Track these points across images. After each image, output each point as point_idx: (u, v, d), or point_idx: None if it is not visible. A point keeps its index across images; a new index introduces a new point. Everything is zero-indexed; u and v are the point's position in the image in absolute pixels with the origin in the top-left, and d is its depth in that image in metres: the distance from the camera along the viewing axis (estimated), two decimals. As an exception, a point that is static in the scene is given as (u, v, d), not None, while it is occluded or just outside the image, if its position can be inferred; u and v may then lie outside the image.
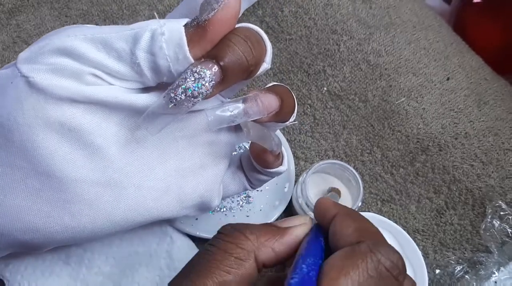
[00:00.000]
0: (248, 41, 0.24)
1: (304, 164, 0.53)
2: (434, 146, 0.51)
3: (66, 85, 0.24)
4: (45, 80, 0.23)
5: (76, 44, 0.23)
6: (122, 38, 0.23)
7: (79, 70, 0.24)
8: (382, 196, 0.51)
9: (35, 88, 0.24)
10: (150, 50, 0.23)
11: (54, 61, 0.24)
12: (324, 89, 0.54)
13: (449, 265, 0.47)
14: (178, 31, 0.23)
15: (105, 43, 0.24)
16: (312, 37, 0.55)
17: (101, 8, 0.58)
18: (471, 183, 0.50)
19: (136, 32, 0.23)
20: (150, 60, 0.23)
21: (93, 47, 0.24)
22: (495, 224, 0.47)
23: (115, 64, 0.24)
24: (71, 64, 0.23)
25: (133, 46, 0.23)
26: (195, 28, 0.23)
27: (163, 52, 0.23)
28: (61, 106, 0.24)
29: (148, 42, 0.23)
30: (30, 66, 0.24)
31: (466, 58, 0.57)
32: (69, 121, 0.24)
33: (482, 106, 0.53)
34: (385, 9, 0.57)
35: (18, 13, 0.57)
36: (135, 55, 0.23)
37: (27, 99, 0.24)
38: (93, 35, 0.24)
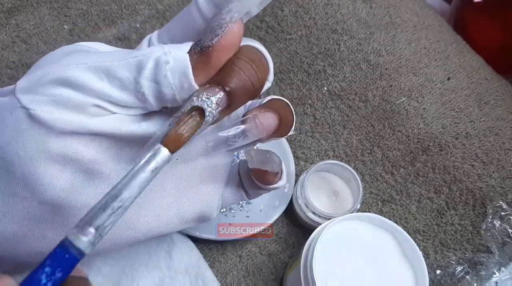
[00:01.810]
0: (253, 64, 0.24)
1: (304, 164, 0.52)
2: (435, 145, 0.51)
3: (69, 119, 0.23)
4: (47, 113, 0.23)
5: (78, 74, 0.23)
6: (125, 67, 0.23)
7: (81, 102, 0.23)
8: (383, 196, 0.51)
9: (36, 121, 0.23)
10: (155, 79, 0.23)
11: (55, 93, 0.23)
12: (324, 89, 0.54)
13: (449, 265, 0.47)
14: (183, 60, 0.22)
15: (107, 72, 0.23)
16: (312, 37, 0.55)
17: (100, 7, 0.58)
18: (471, 183, 0.50)
19: (139, 60, 0.23)
20: (154, 89, 0.23)
21: (95, 76, 0.23)
22: (496, 224, 0.47)
23: (119, 93, 0.23)
24: (73, 95, 0.23)
25: (137, 75, 0.23)
26: (199, 55, 0.23)
27: (168, 81, 0.22)
28: (64, 139, 0.24)
29: (153, 70, 0.23)
30: (31, 97, 0.23)
31: (467, 58, 0.56)
32: (71, 153, 0.24)
33: (482, 106, 0.53)
34: (385, 8, 0.57)
35: (17, 13, 0.57)
36: (139, 84, 0.23)
37: (28, 132, 0.23)
38: (95, 63, 0.23)
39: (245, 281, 0.47)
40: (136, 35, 0.57)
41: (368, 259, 0.39)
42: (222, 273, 0.47)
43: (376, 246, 0.39)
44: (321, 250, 0.37)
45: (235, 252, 0.48)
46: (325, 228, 0.38)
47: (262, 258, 0.49)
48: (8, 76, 0.54)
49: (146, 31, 0.57)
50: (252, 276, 0.48)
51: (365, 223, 0.40)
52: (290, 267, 0.44)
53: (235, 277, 0.47)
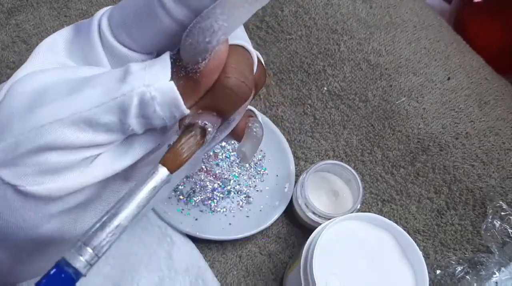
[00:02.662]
0: (242, 77, 0.22)
1: (304, 164, 0.52)
2: (435, 146, 0.51)
3: (64, 185, 0.22)
4: (38, 185, 0.21)
5: (56, 136, 0.21)
6: (107, 112, 0.21)
7: (69, 162, 0.22)
8: (383, 196, 0.51)
9: (29, 197, 0.22)
10: (143, 115, 0.21)
11: (39, 161, 0.21)
12: (324, 89, 0.54)
13: (449, 265, 0.47)
14: (171, 92, 0.21)
15: (89, 122, 0.21)
16: (312, 37, 0.55)
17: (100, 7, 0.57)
18: (471, 183, 0.50)
19: (121, 101, 0.21)
20: (144, 123, 0.22)
21: (77, 130, 0.21)
22: (496, 224, 0.47)
23: (106, 137, 0.22)
24: (60, 158, 0.21)
25: (123, 117, 0.21)
26: (186, 81, 0.21)
27: (158, 115, 0.21)
28: (63, 200, 0.23)
29: (139, 108, 0.21)
30: (12, 171, 0.21)
31: (467, 58, 0.56)
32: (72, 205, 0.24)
33: (483, 106, 0.53)
34: (385, 8, 0.57)
35: (18, 13, 0.57)
36: (127, 124, 0.21)
37: (24, 207, 0.22)
38: (72, 116, 0.21)
39: (245, 281, 0.47)
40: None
41: (368, 259, 0.39)
42: (222, 273, 0.47)
43: (376, 246, 0.39)
44: (321, 250, 0.37)
45: (235, 252, 0.48)
46: (325, 228, 0.38)
47: (262, 258, 0.49)
48: (8, 76, 0.54)
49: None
50: (252, 276, 0.48)
51: (365, 223, 0.40)
52: (290, 267, 0.44)
53: (235, 277, 0.47)
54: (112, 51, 0.24)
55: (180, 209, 0.48)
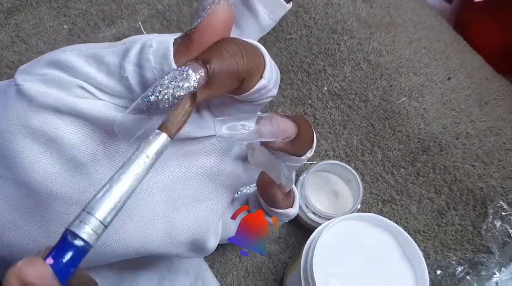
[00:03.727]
0: (240, 46, 0.23)
1: (304, 164, 0.52)
2: (435, 146, 0.51)
3: (52, 95, 0.23)
4: (33, 87, 0.24)
5: (68, 58, 0.23)
6: (113, 53, 0.23)
7: (67, 81, 0.23)
8: (383, 196, 0.51)
9: (22, 95, 0.24)
10: (138, 63, 0.23)
11: (45, 72, 0.24)
12: (325, 89, 0.54)
13: (450, 265, 0.47)
14: (165, 43, 0.22)
15: (96, 58, 0.23)
16: (312, 37, 0.55)
17: (100, 7, 0.58)
18: (472, 183, 0.50)
19: (127, 47, 0.23)
20: (138, 73, 0.23)
21: (85, 61, 0.24)
22: (496, 224, 0.47)
23: (104, 78, 0.23)
24: (61, 75, 0.24)
25: (122, 60, 0.23)
26: (182, 38, 0.22)
27: (150, 64, 0.22)
28: (44, 115, 0.24)
29: (137, 55, 0.23)
30: (24, 76, 0.24)
31: (467, 58, 0.56)
32: (51, 132, 0.24)
33: (483, 106, 0.53)
34: (385, 8, 0.57)
35: (17, 13, 0.57)
36: (123, 68, 0.23)
37: (13, 105, 0.24)
38: (87, 50, 0.24)
39: (245, 281, 0.47)
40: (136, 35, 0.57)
41: (368, 259, 0.39)
42: (222, 273, 0.47)
43: (376, 246, 0.39)
44: (321, 250, 0.37)
45: (235, 253, 0.48)
46: (325, 228, 0.38)
47: (262, 258, 0.49)
48: (7, 76, 0.54)
49: (146, 31, 0.57)
50: (252, 277, 0.48)
51: (365, 223, 0.40)
52: (290, 268, 0.44)
53: (235, 278, 0.47)
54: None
55: (180, 209, 0.48)
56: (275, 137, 0.25)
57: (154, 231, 0.27)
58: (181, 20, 0.58)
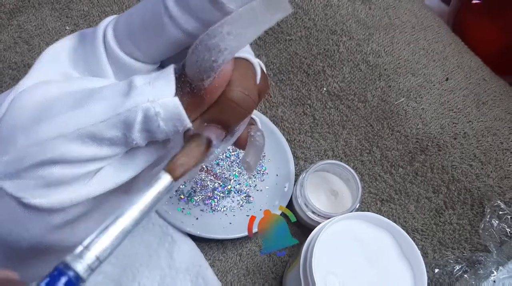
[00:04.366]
0: (245, 91, 0.22)
1: (304, 163, 0.53)
2: (433, 146, 0.51)
3: (66, 197, 0.22)
4: (42, 198, 0.22)
5: (61, 150, 0.21)
6: (111, 127, 0.21)
7: (73, 175, 0.22)
8: (382, 196, 0.51)
9: (33, 209, 0.22)
10: (147, 129, 0.22)
11: (43, 174, 0.21)
12: (324, 89, 0.55)
13: (448, 264, 0.47)
14: (175, 107, 0.21)
15: (93, 137, 0.21)
16: (311, 38, 0.56)
17: (102, 9, 0.58)
18: (470, 183, 0.50)
19: (126, 117, 0.21)
20: (147, 137, 0.22)
21: (81, 144, 0.21)
22: (493, 223, 0.47)
23: (110, 151, 0.22)
24: (64, 172, 0.21)
25: (127, 131, 0.21)
26: (191, 97, 0.21)
27: (162, 129, 0.21)
28: (65, 211, 0.23)
29: (143, 123, 0.21)
30: (15, 183, 0.21)
31: (465, 59, 0.57)
32: (75, 216, 0.24)
33: (481, 107, 0.54)
34: (384, 10, 0.57)
35: (19, 14, 0.57)
36: (131, 138, 0.22)
37: (28, 219, 0.22)
38: (77, 131, 0.21)
39: (245, 279, 0.48)
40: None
41: (367, 258, 0.39)
42: (223, 272, 0.48)
43: (375, 245, 0.40)
44: (321, 249, 0.38)
45: (235, 251, 0.49)
46: (324, 227, 0.39)
47: (262, 257, 0.49)
48: (10, 77, 0.54)
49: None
50: (252, 275, 0.48)
51: (364, 222, 0.40)
52: (290, 266, 0.45)
53: (235, 276, 0.48)
54: (117, 62, 0.25)
55: (181, 208, 0.48)
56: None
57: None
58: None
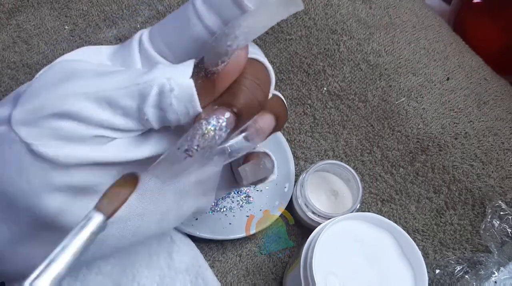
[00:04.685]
0: (257, 81, 0.23)
1: (304, 163, 0.53)
2: (434, 145, 0.51)
3: (72, 153, 0.23)
4: (50, 148, 0.22)
5: (79, 107, 0.22)
6: (128, 95, 0.22)
7: (84, 134, 0.23)
8: (382, 196, 0.51)
9: (39, 157, 0.23)
10: (159, 106, 0.22)
11: (55, 126, 0.22)
12: (324, 89, 0.54)
13: (449, 265, 0.47)
14: (188, 88, 0.22)
15: (109, 101, 0.22)
16: (312, 37, 0.55)
17: (101, 8, 0.58)
18: (471, 183, 0.50)
19: (142, 88, 0.22)
20: (159, 115, 0.23)
21: (98, 107, 0.22)
22: (495, 224, 0.47)
23: (123, 121, 0.23)
24: (75, 128, 0.22)
25: (141, 103, 0.22)
26: (204, 80, 0.22)
27: (173, 108, 0.22)
28: (69, 172, 0.23)
29: (157, 98, 0.22)
30: (29, 130, 0.23)
31: (466, 58, 0.57)
32: (78, 184, 0.24)
33: (482, 106, 0.53)
34: (384, 9, 0.57)
35: (18, 13, 0.57)
36: (143, 112, 0.23)
37: (32, 168, 0.23)
38: (95, 93, 0.22)
39: (245, 280, 0.48)
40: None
41: (367, 259, 0.39)
42: (222, 272, 0.48)
43: (375, 245, 0.39)
44: (321, 249, 0.38)
45: (235, 252, 0.49)
46: (324, 227, 0.39)
47: (262, 257, 0.49)
48: (9, 76, 0.54)
49: (147, 31, 0.57)
50: (252, 276, 0.48)
51: (364, 223, 0.40)
52: (290, 267, 0.45)
53: (235, 277, 0.48)
54: (148, 59, 0.27)
55: (181, 209, 0.48)
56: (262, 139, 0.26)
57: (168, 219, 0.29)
58: (182, 21, 0.58)
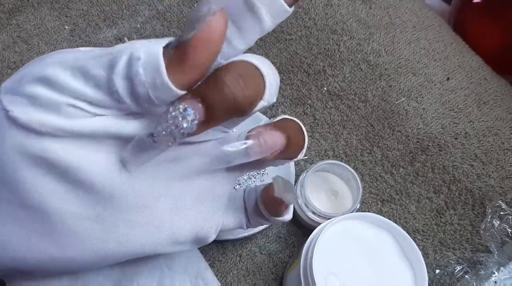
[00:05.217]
0: (240, 79, 0.22)
1: (304, 164, 0.53)
2: (434, 145, 0.51)
3: (45, 120, 0.22)
4: (24, 114, 0.22)
5: (54, 73, 0.22)
6: (99, 65, 0.21)
7: (56, 101, 0.22)
8: (382, 196, 0.51)
9: (14, 123, 0.22)
10: (127, 76, 0.21)
11: (32, 92, 0.22)
12: (324, 89, 0.54)
13: (449, 265, 0.47)
14: (155, 55, 0.20)
15: (82, 71, 0.22)
16: (312, 37, 0.55)
17: (101, 8, 0.58)
18: (471, 183, 0.50)
19: (113, 57, 0.21)
20: (128, 87, 0.21)
21: (71, 75, 0.22)
22: (495, 224, 0.47)
23: (93, 92, 0.22)
24: (48, 94, 0.22)
25: (110, 72, 0.21)
26: (174, 50, 0.21)
27: (140, 78, 0.21)
28: (43, 142, 0.23)
29: (125, 67, 0.21)
30: (10, 98, 0.22)
31: (466, 58, 0.57)
32: (51, 157, 0.23)
33: (482, 106, 0.53)
34: (384, 9, 0.57)
35: (18, 13, 0.57)
36: (112, 82, 0.21)
37: (8, 134, 0.22)
38: (72, 62, 0.22)
39: (245, 280, 0.48)
40: (137, 35, 0.57)
41: (367, 259, 0.39)
42: (222, 272, 0.48)
43: (375, 245, 0.39)
44: (321, 249, 0.38)
45: (235, 252, 0.49)
46: (324, 227, 0.39)
47: (262, 257, 0.49)
48: (9, 76, 0.54)
49: (147, 31, 0.57)
50: (252, 276, 0.48)
51: (364, 223, 0.40)
52: (290, 267, 0.45)
53: (235, 277, 0.48)
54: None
55: (181, 209, 0.48)
56: (263, 154, 0.25)
57: (161, 236, 0.28)
58: (182, 21, 0.58)
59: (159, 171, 0.27)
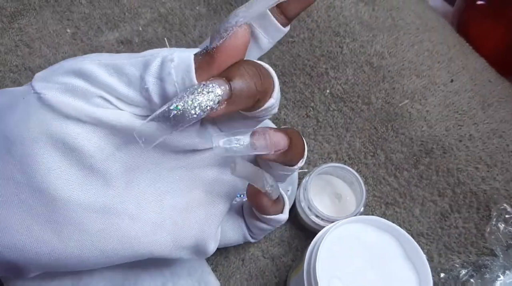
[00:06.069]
0: (258, 69, 0.24)
1: (307, 166, 0.52)
2: (438, 148, 0.51)
3: (74, 105, 0.24)
4: (55, 97, 0.24)
5: (90, 67, 0.24)
6: (133, 65, 0.24)
7: (88, 91, 0.24)
8: (386, 199, 0.51)
9: (45, 104, 0.24)
10: (159, 76, 0.24)
11: (66, 81, 0.24)
12: (327, 91, 0.54)
13: (454, 268, 0.47)
14: (187, 58, 0.23)
15: (117, 69, 0.24)
16: (314, 40, 0.55)
17: (103, 11, 0.58)
18: (475, 186, 0.49)
19: (147, 59, 0.24)
20: (158, 86, 0.24)
21: (106, 71, 0.24)
22: (500, 227, 0.47)
23: (125, 89, 0.24)
24: (82, 85, 0.24)
25: (143, 72, 0.24)
26: (204, 55, 0.24)
27: (171, 78, 0.23)
28: (67, 125, 0.24)
29: (158, 68, 0.24)
30: (44, 84, 0.25)
31: (470, 60, 0.56)
32: (72, 141, 0.25)
33: (486, 109, 0.53)
34: (388, 11, 0.57)
35: (20, 17, 0.57)
36: (144, 81, 0.24)
37: (35, 113, 0.24)
38: (107, 61, 0.25)
39: (248, 284, 0.47)
40: (139, 38, 0.57)
41: (371, 262, 0.38)
42: (225, 276, 0.47)
43: (379, 249, 0.39)
44: (325, 253, 0.37)
45: (238, 256, 0.48)
46: (328, 231, 0.38)
47: (265, 261, 0.48)
48: (11, 80, 0.54)
49: (148, 34, 0.57)
50: (255, 280, 0.48)
51: (368, 226, 0.40)
52: (293, 271, 0.44)
53: (238, 281, 0.47)
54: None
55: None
56: (268, 150, 0.26)
57: (162, 236, 0.29)
58: (184, 24, 0.58)
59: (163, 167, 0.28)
